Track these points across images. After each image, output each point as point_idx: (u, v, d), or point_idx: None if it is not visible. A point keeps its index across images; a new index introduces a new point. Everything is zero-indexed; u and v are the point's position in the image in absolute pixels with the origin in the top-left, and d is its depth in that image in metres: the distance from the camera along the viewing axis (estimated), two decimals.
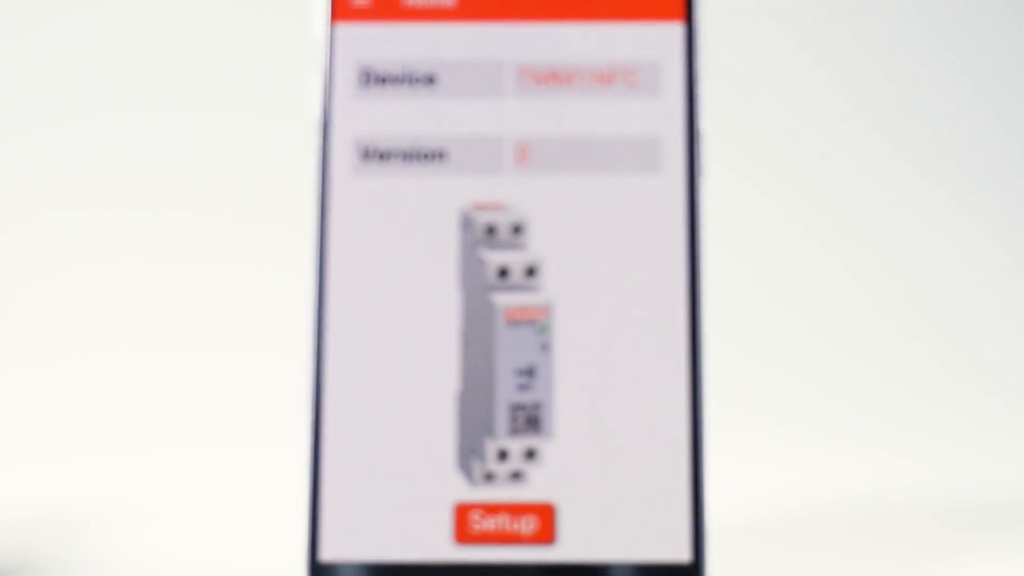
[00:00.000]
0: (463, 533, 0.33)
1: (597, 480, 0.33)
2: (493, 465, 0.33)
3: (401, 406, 0.33)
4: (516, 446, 0.33)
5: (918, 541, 0.41)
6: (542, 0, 0.35)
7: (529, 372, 0.33)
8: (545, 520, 0.33)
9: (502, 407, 0.33)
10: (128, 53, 0.65)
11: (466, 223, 0.34)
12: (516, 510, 0.33)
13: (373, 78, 0.35)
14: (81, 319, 0.60)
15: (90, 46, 0.65)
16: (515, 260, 0.34)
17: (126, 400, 0.56)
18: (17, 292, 0.61)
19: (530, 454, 0.33)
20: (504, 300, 0.33)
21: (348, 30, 0.35)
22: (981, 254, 0.68)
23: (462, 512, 0.33)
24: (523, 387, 0.33)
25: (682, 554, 0.32)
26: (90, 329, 0.60)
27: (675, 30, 0.35)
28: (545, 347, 0.33)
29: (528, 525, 0.33)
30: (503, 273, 0.33)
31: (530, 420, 0.33)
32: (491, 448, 0.33)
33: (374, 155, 0.34)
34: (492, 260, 0.33)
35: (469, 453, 0.33)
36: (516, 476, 0.33)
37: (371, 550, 0.33)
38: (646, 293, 0.34)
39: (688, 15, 0.35)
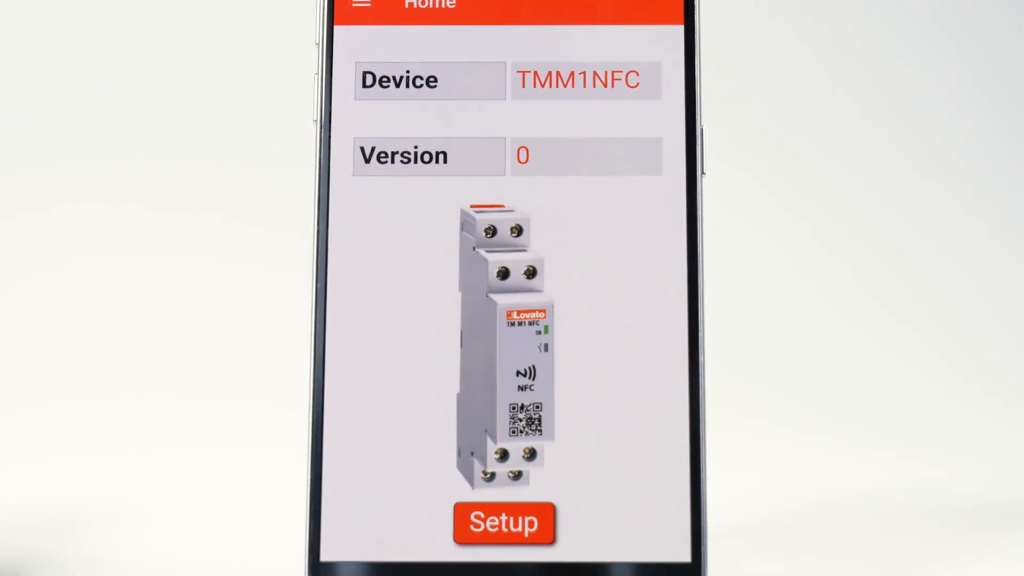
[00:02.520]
0: (463, 533, 0.33)
1: (597, 480, 0.33)
2: (493, 465, 0.33)
3: (401, 406, 0.33)
4: (516, 446, 0.33)
5: (918, 541, 0.41)
6: (542, 3, 0.35)
7: (529, 372, 0.33)
8: (545, 520, 0.33)
9: (502, 407, 0.33)
10: (129, 51, 0.65)
11: (466, 224, 0.34)
12: (516, 510, 0.33)
13: (374, 80, 0.35)
14: (78, 316, 0.60)
15: (90, 45, 0.65)
16: (515, 260, 0.34)
17: (125, 399, 0.56)
18: (13, 287, 0.61)
19: (530, 454, 0.33)
20: (504, 300, 0.33)
21: (349, 32, 0.35)
22: (985, 254, 0.68)
23: (462, 512, 0.33)
24: (523, 387, 0.33)
25: (682, 554, 0.32)
26: (90, 328, 0.60)
27: (675, 32, 0.35)
28: (545, 347, 0.33)
29: (528, 525, 0.33)
30: (503, 273, 0.34)
31: (530, 420, 0.33)
32: (491, 448, 0.33)
33: (375, 156, 0.34)
34: (492, 260, 0.33)
35: (469, 453, 0.33)
36: (516, 476, 0.33)
37: (371, 550, 0.33)
38: (646, 293, 0.34)
39: (687, 18, 0.35)
